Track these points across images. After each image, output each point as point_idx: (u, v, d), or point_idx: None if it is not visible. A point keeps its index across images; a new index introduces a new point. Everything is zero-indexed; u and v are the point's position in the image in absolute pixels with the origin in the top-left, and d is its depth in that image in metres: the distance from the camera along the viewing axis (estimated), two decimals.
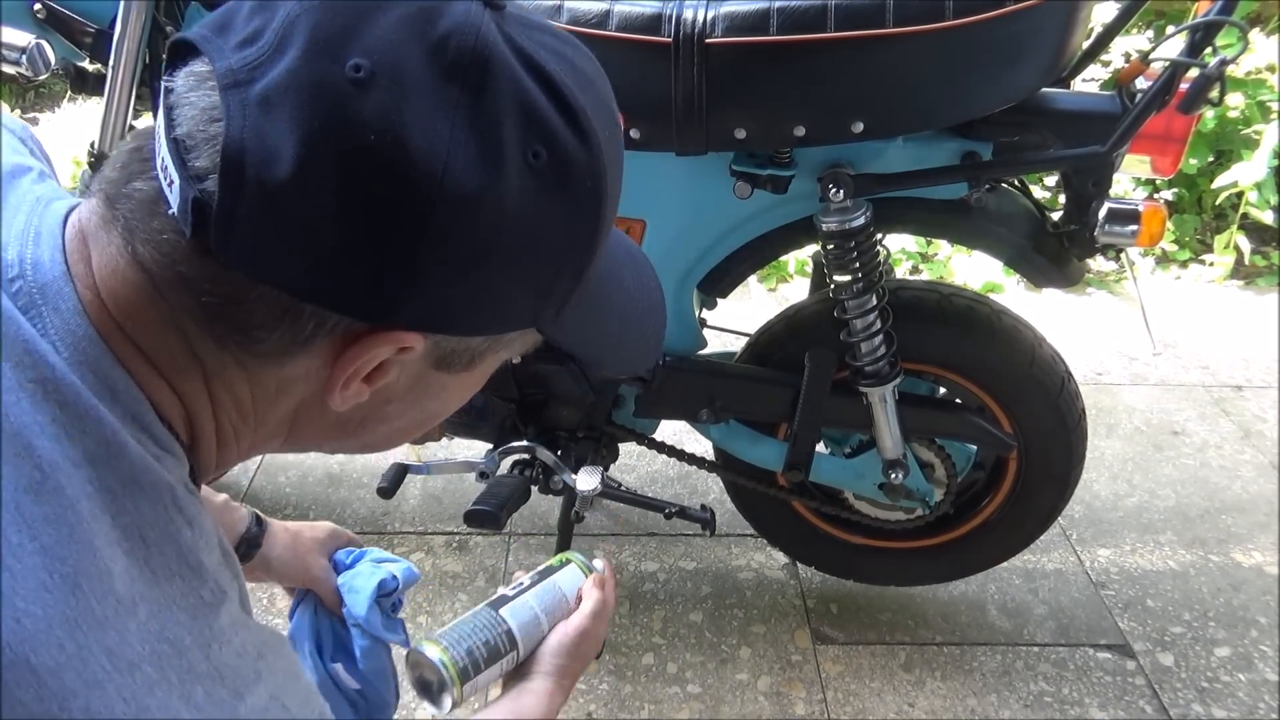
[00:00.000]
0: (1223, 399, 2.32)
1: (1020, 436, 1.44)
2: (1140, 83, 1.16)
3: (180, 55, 0.48)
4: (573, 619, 0.86)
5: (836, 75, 1.13)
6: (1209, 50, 1.11)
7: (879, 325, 1.32)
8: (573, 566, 0.91)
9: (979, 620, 1.69)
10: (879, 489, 1.48)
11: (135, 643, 0.43)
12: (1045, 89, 1.21)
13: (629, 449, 1.68)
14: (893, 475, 1.44)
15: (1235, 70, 2.78)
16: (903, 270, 2.78)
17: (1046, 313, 2.58)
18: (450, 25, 0.46)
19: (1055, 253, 1.33)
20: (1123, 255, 1.37)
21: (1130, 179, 2.83)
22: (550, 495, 1.52)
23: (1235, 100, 2.79)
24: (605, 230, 0.54)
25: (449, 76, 0.45)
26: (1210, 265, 2.90)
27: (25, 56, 1.26)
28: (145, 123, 1.08)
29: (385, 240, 0.45)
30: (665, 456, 1.56)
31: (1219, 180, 2.80)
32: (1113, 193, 1.24)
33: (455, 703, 0.80)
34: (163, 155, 0.46)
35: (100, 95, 1.32)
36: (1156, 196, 2.91)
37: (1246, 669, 1.60)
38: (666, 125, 1.17)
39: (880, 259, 1.32)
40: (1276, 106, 2.79)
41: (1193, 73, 1.11)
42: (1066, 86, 1.32)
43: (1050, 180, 2.72)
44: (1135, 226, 1.21)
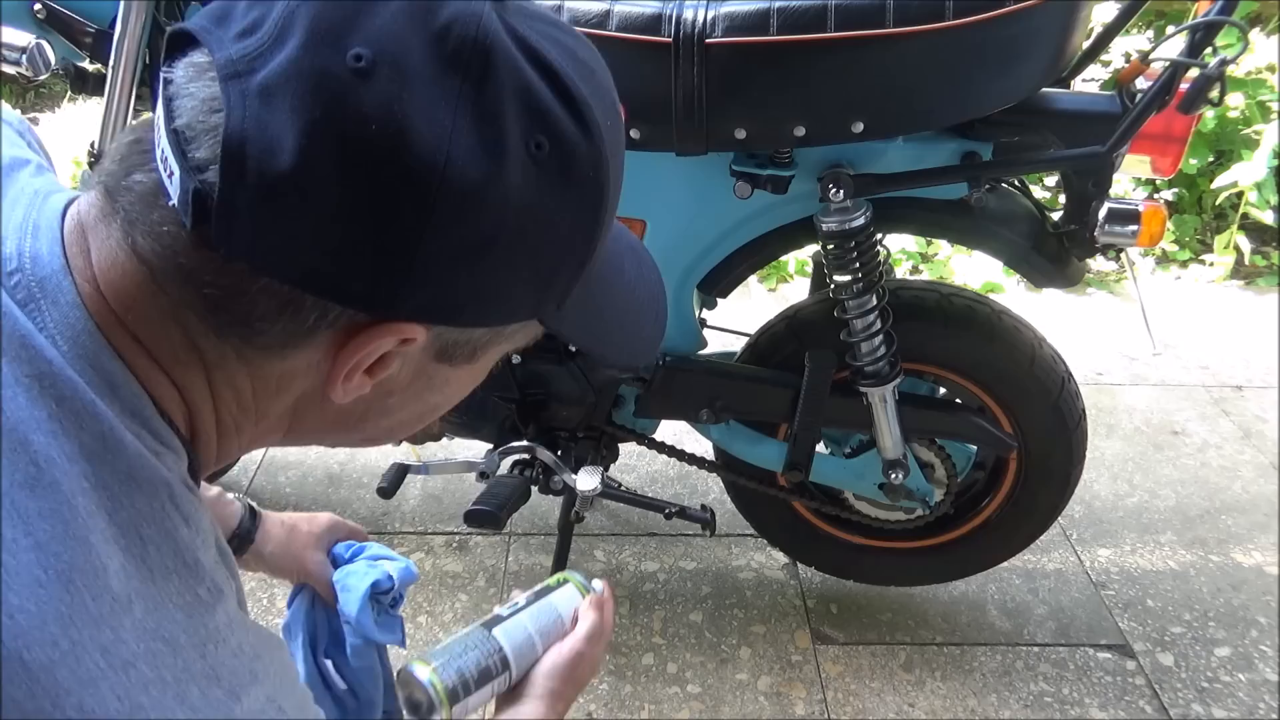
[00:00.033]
0: (1223, 399, 2.32)
1: (1020, 436, 1.44)
2: (1140, 83, 1.16)
3: (179, 46, 0.47)
4: (567, 641, 0.83)
5: (836, 75, 1.13)
6: (1209, 50, 1.11)
7: (879, 325, 1.32)
8: (570, 587, 0.88)
9: (979, 620, 1.69)
10: (879, 489, 1.48)
11: (130, 640, 0.43)
12: (1045, 89, 1.21)
13: (629, 449, 1.68)
14: (893, 475, 1.44)
15: (1235, 70, 2.78)
16: (903, 270, 2.78)
17: (1046, 313, 2.58)
18: (451, 15, 0.46)
19: (1055, 253, 1.33)
20: (1123, 255, 1.37)
21: (1130, 179, 2.83)
22: (550, 495, 1.52)
23: (1235, 100, 2.79)
24: (607, 221, 0.53)
25: (451, 66, 0.45)
26: (1210, 265, 2.90)
27: (25, 56, 1.26)
28: None
29: (387, 231, 0.45)
30: (665, 456, 1.56)
31: (1219, 180, 2.80)
32: (1113, 193, 1.24)
33: None
34: (162, 147, 0.46)
35: (100, 95, 1.32)
36: (1156, 196, 2.91)
37: (1246, 669, 1.60)
38: (666, 125, 1.17)
39: (880, 259, 1.32)
40: (1276, 106, 2.80)
41: (1193, 73, 1.11)
42: (1066, 86, 1.32)
43: (1050, 180, 2.72)
44: (1135, 226, 1.21)
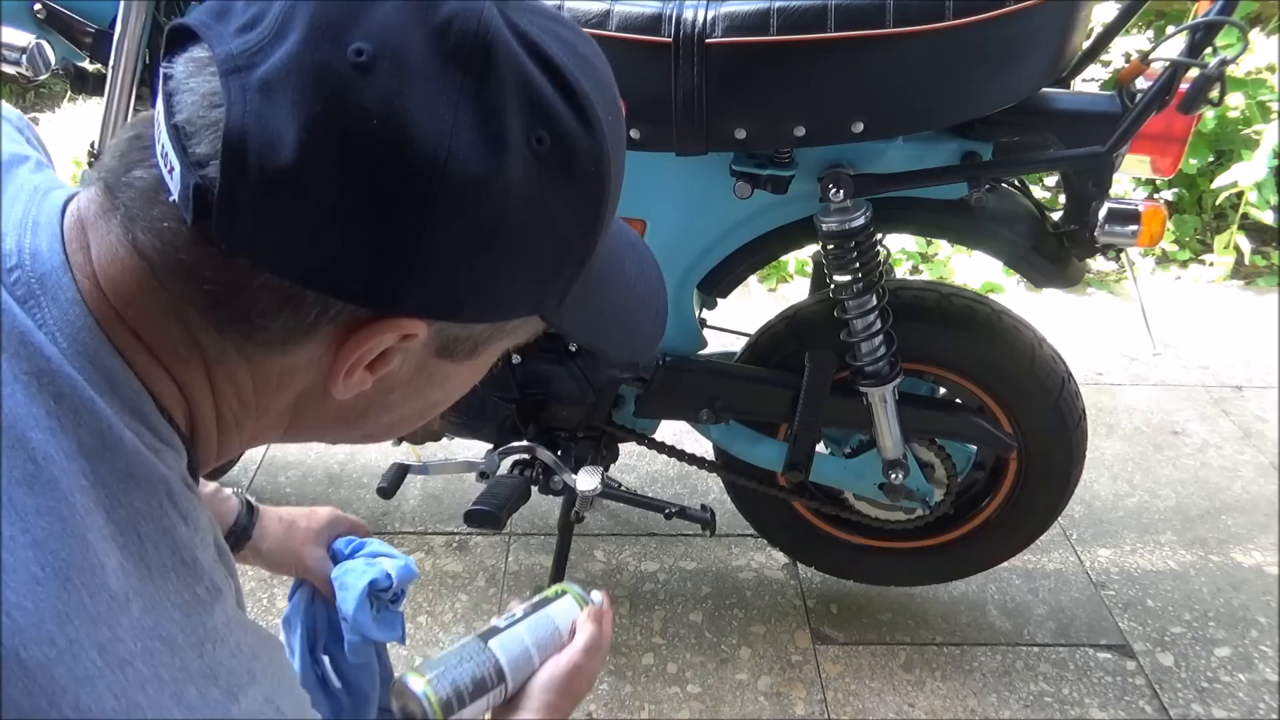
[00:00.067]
0: (1223, 399, 2.32)
1: (1020, 436, 1.44)
2: (1140, 83, 1.16)
3: (179, 42, 0.47)
4: (564, 654, 0.82)
5: (836, 75, 1.13)
6: (1209, 50, 1.11)
7: (879, 325, 1.32)
8: (569, 598, 0.87)
9: (979, 620, 1.69)
10: (879, 489, 1.48)
11: (127, 639, 0.42)
12: (1045, 89, 1.21)
13: (629, 449, 1.68)
14: (893, 475, 1.44)
15: (1235, 70, 2.78)
16: (903, 270, 2.78)
17: (1046, 313, 2.58)
18: (452, 10, 0.46)
19: (1055, 253, 1.33)
20: (1123, 255, 1.37)
21: (1130, 179, 2.83)
22: (550, 495, 1.52)
23: (1235, 100, 2.79)
24: (609, 216, 0.53)
25: (452, 61, 0.45)
26: (1210, 265, 2.90)
27: (25, 56, 1.26)
28: None
29: (389, 226, 0.45)
30: (665, 456, 1.56)
31: (1219, 180, 2.80)
32: (1113, 193, 1.24)
33: None
34: (163, 142, 0.45)
35: (100, 95, 1.32)
36: (1156, 196, 2.91)
37: (1246, 669, 1.60)
38: (666, 125, 1.17)
39: (880, 259, 1.32)
40: (1276, 106, 2.79)
41: (1193, 73, 1.11)
42: (1066, 86, 1.32)
43: (1050, 180, 2.72)
44: (1135, 226, 1.21)
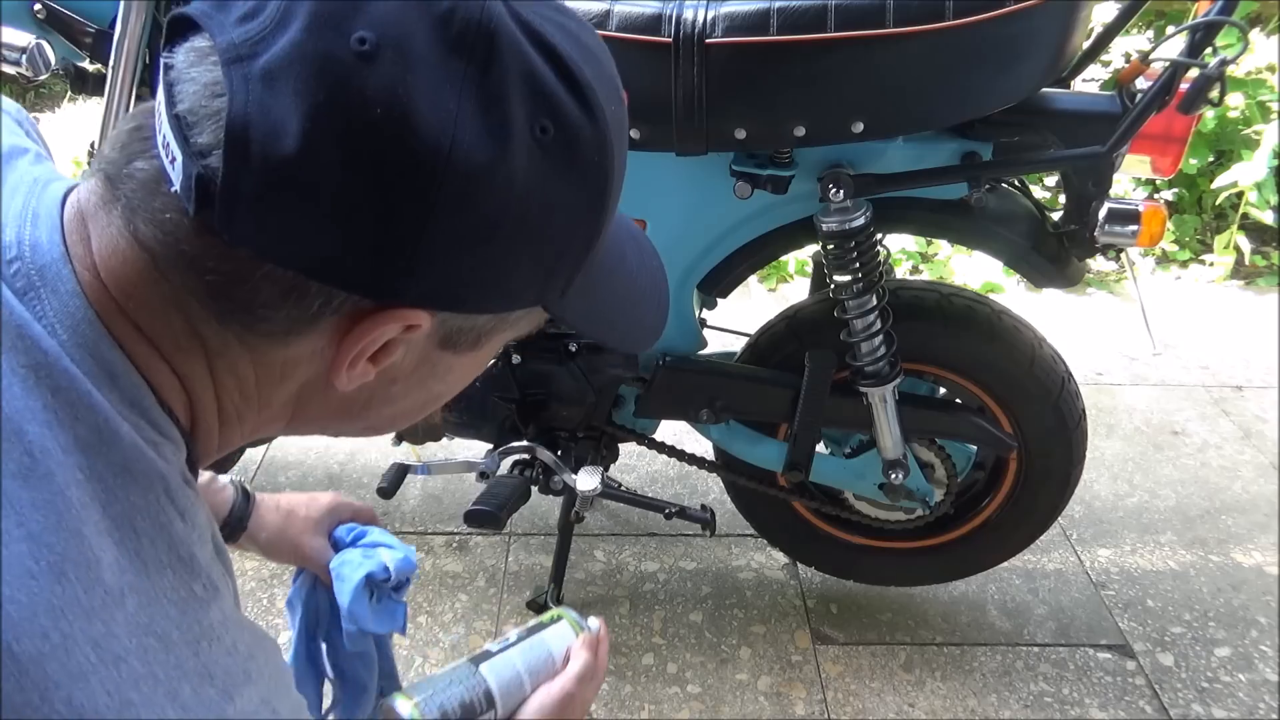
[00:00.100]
0: (1223, 399, 2.32)
1: (1020, 436, 1.44)
2: (1140, 83, 1.16)
3: (179, 32, 0.47)
4: (557, 681, 0.81)
5: (836, 75, 1.13)
6: (1209, 50, 1.11)
7: (879, 325, 1.32)
8: (564, 624, 0.86)
9: (979, 620, 1.69)
10: (879, 489, 1.48)
11: (122, 635, 0.42)
12: (1045, 89, 1.21)
13: (629, 449, 1.68)
14: (893, 475, 1.44)
15: (1235, 70, 2.78)
16: (903, 270, 2.78)
17: (1046, 313, 2.58)
18: None
19: (1055, 253, 1.33)
20: (1123, 255, 1.37)
21: (1130, 179, 2.83)
22: (550, 495, 1.52)
23: (1235, 100, 2.79)
24: (612, 206, 0.53)
25: (455, 50, 0.45)
26: (1210, 265, 2.90)
27: (25, 57, 1.26)
28: None
29: (392, 216, 0.44)
30: (665, 456, 1.56)
31: (1219, 180, 2.80)
32: (1113, 193, 1.24)
33: None
34: (164, 132, 0.45)
35: (100, 95, 1.32)
36: (1156, 196, 2.91)
37: (1246, 669, 1.60)
38: (666, 125, 1.17)
39: (880, 259, 1.32)
40: (1276, 106, 2.80)
41: (1193, 73, 1.11)
42: (1066, 86, 1.32)
43: (1050, 180, 2.72)
44: (1135, 226, 1.21)
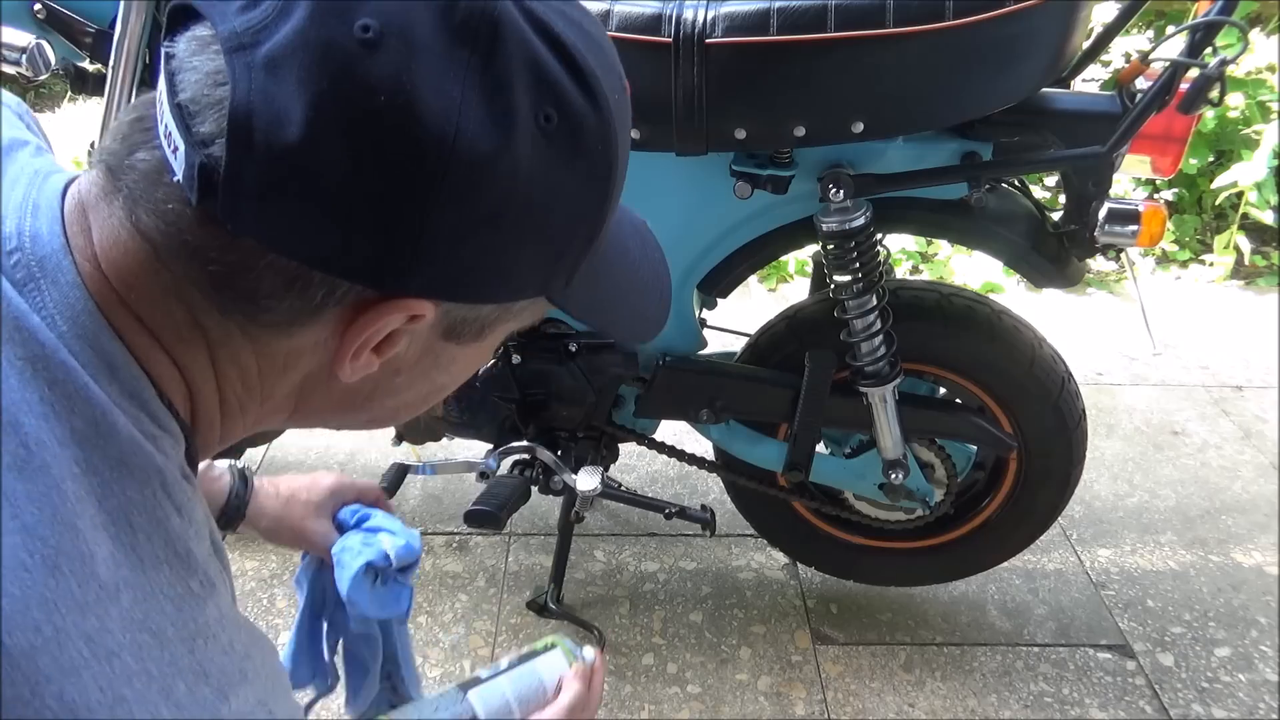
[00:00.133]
0: (1223, 399, 2.32)
1: (1020, 437, 1.44)
2: (1140, 83, 1.16)
3: (180, 21, 0.47)
4: (546, 711, 0.79)
5: (836, 75, 1.13)
6: (1209, 50, 1.11)
7: (879, 325, 1.32)
8: (558, 652, 0.85)
9: (979, 620, 1.69)
10: (879, 489, 1.48)
11: (116, 630, 0.41)
12: (1045, 89, 1.21)
13: (629, 449, 1.68)
14: (893, 475, 1.44)
15: (1235, 70, 2.78)
16: (903, 270, 2.78)
17: (1046, 313, 2.58)
18: None
19: (1055, 253, 1.33)
20: (1123, 255, 1.37)
21: (1130, 179, 2.83)
22: (550, 495, 1.52)
23: (1235, 100, 2.79)
24: (616, 195, 0.53)
25: (459, 38, 0.44)
26: (1210, 265, 2.90)
27: (25, 57, 1.26)
28: None
29: (397, 205, 0.44)
30: (665, 456, 1.56)
31: (1219, 180, 2.80)
32: (1113, 193, 1.24)
33: None
34: (166, 122, 0.45)
35: (100, 95, 1.32)
36: (1156, 196, 2.91)
37: (1246, 669, 1.60)
38: (666, 125, 1.16)
39: (880, 259, 1.32)
40: (1276, 106, 2.80)
41: (1193, 73, 1.11)
42: (1066, 86, 1.32)
43: (1050, 180, 2.72)
44: (1135, 226, 1.21)
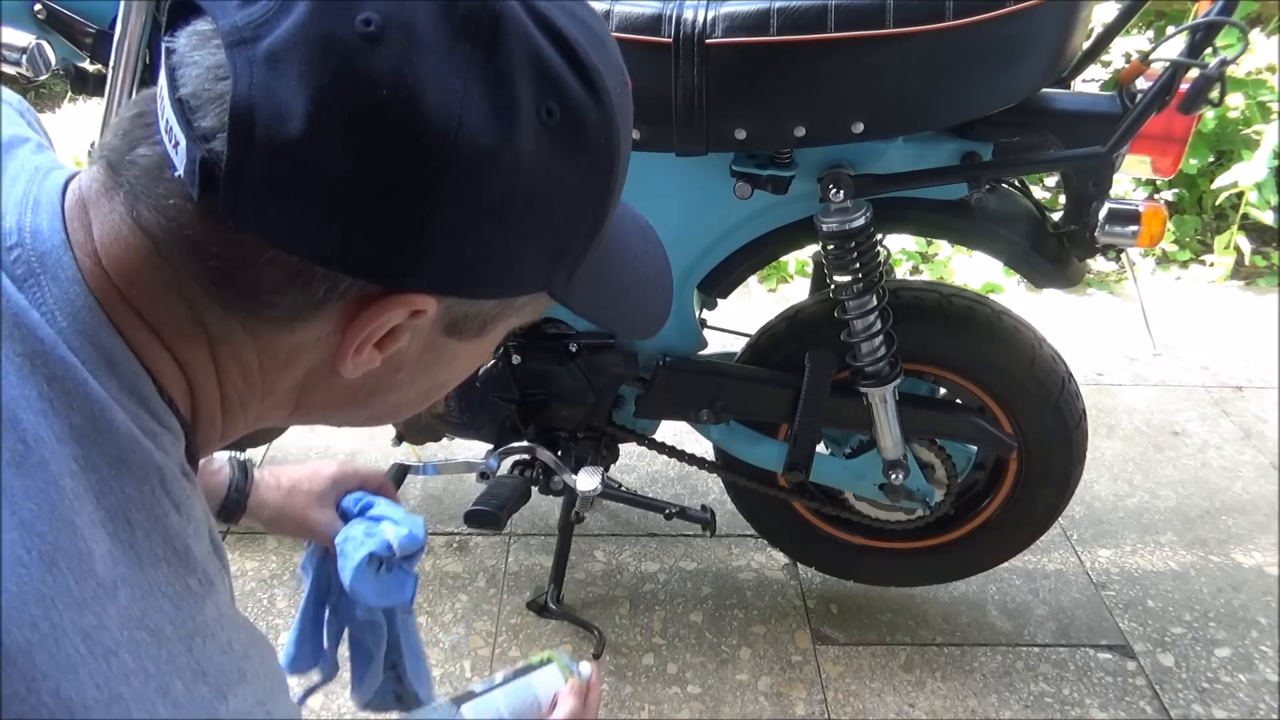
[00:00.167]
0: (1223, 399, 2.32)
1: (1021, 437, 1.44)
2: (1140, 83, 1.16)
3: (181, 15, 0.47)
4: None
5: (837, 75, 1.13)
6: (1209, 51, 1.11)
7: (879, 326, 1.32)
8: (553, 667, 0.84)
9: (979, 621, 1.69)
10: (879, 489, 1.48)
11: (114, 628, 0.41)
12: (1045, 89, 1.21)
13: (629, 449, 1.68)
14: (893, 476, 1.43)
15: (1235, 70, 2.78)
16: (903, 270, 2.78)
17: (1047, 313, 2.58)
18: None
19: (1055, 253, 1.33)
20: (1123, 256, 1.37)
21: (1131, 179, 2.83)
22: (550, 496, 1.52)
23: (1235, 101, 2.79)
24: (618, 190, 0.53)
25: (461, 32, 0.44)
26: (1210, 266, 2.90)
27: (25, 57, 1.26)
28: None
29: (399, 199, 0.44)
30: (665, 457, 1.56)
31: (1219, 180, 2.80)
32: (1113, 193, 1.25)
33: None
34: (167, 117, 0.45)
35: (100, 96, 1.32)
36: (1157, 197, 2.91)
37: (1247, 669, 1.60)
38: (666, 126, 1.17)
39: (880, 259, 1.32)
40: (1276, 107, 2.79)
41: (1193, 73, 1.11)
42: (1067, 87, 1.32)
43: (1050, 180, 2.72)
44: (1135, 227, 1.21)
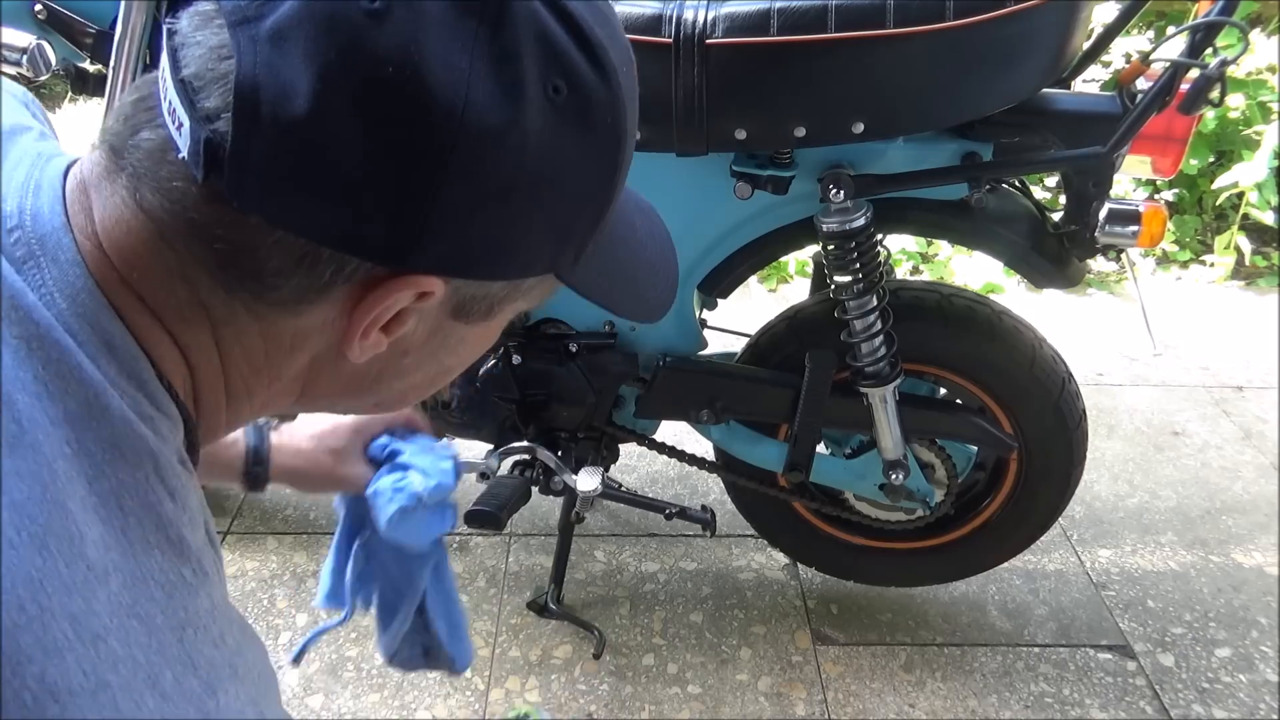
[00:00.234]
0: (1223, 400, 2.32)
1: (1021, 437, 1.44)
2: (1141, 83, 1.16)
3: None
4: None
5: (837, 76, 1.13)
6: (1209, 51, 1.11)
7: (879, 326, 1.32)
8: None
9: (979, 621, 1.69)
10: (879, 490, 1.48)
11: (103, 614, 0.40)
12: (1046, 89, 1.21)
13: (629, 449, 1.68)
14: (893, 476, 1.43)
15: (1236, 71, 2.78)
16: (903, 271, 2.78)
17: (1047, 313, 2.58)
18: None
19: (1056, 253, 1.33)
20: (1123, 256, 1.37)
21: (1131, 179, 2.83)
22: (551, 496, 1.51)
23: (1236, 101, 2.79)
24: (624, 170, 0.53)
25: (467, 8, 0.44)
26: (1211, 266, 2.90)
27: (26, 57, 1.26)
28: None
29: (406, 178, 0.44)
30: (665, 457, 1.56)
31: (1219, 181, 2.80)
32: (1113, 193, 1.25)
33: None
34: (169, 99, 0.44)
35: (100, 96, 1.32)
36: (1157, 197, 2.91)
37: (1247, 670, 1.60)
38: (666, 126, 1.16)
39: (880, 259, 1.32)
40: (1277, 107, 2.79)
41: (1193, 73, 1.11)
42: (1067, 87, 1.32)
43: (1051, 181, 2.72)
44: (1136, 227, 1.21)
